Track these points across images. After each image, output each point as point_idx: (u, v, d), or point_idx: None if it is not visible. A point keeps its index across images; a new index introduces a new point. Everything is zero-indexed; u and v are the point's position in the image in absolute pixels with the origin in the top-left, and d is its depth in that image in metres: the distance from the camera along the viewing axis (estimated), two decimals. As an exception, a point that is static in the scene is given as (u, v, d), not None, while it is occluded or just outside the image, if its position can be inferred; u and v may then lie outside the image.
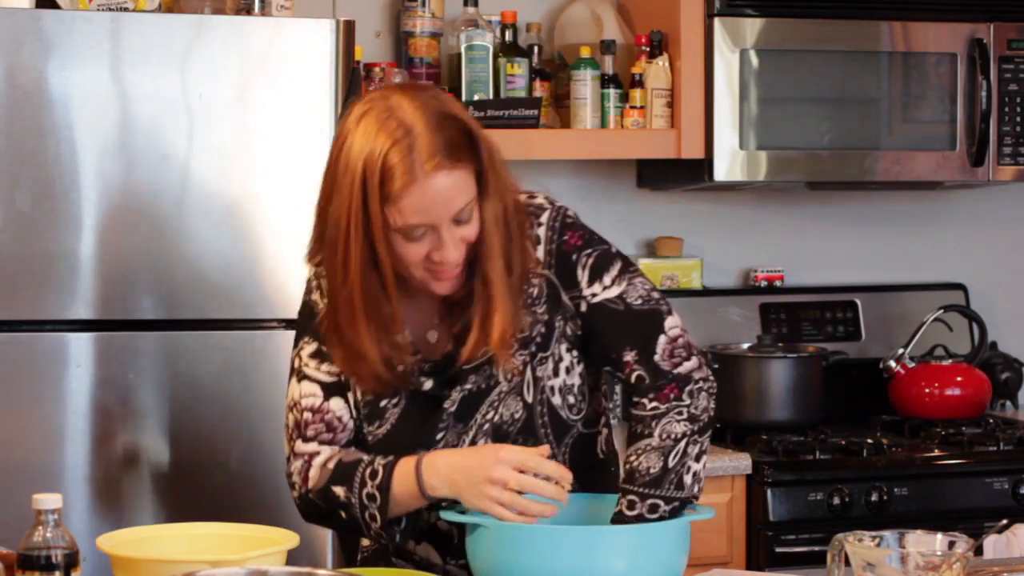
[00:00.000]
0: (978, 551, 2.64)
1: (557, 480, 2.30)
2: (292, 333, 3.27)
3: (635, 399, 2.40)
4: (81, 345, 3.22)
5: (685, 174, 4.16)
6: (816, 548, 3.69)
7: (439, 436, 2.42)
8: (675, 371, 2.39)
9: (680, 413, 2.37)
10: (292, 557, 2.26)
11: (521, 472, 2.28)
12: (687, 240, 4.40)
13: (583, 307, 2.43)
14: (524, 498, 2.28)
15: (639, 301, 2.43)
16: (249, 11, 3.51)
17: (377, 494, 2.35)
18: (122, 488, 3.24)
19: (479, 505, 2.29)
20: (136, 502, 3.24)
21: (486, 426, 2.41)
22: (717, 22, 4.03)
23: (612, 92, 4.10)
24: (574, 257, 2.43)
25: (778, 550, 3.75)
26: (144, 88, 3.23)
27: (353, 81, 3.33)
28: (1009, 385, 4.47)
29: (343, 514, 2.40)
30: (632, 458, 2.37)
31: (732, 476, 3.78)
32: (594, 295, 2.43)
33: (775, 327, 4.35)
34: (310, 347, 2.46)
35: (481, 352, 2.37)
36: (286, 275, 3.29)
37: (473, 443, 2.41)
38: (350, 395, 2.46)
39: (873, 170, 4.17)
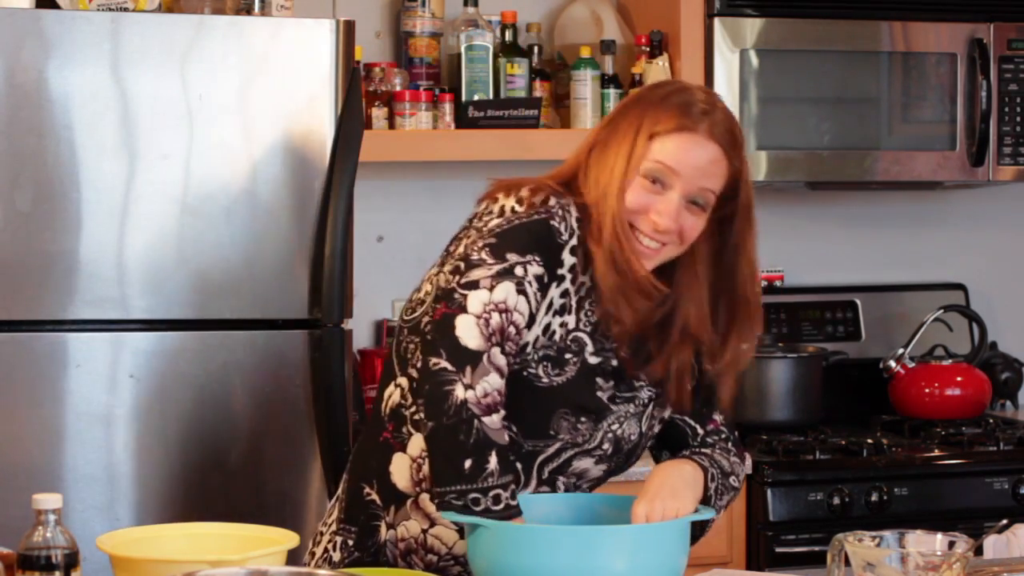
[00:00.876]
0: (978, 551, 2.64)
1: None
2: (293, 332, 3.30)
3: (711, 441, 2.61)
4: (81, 345, 3.22)
5: (685, 174, 4.16)
6: (816, 548, 3.69)
7: (584, 418, 2.47)
8: (743, 449, 2.70)
9: (742, 469, 2.61)
10: (292, 557, 2.26)
11: None
12: (687, 240, 4.39)
13: (709, 375, 2.60)
14: None
15: None
16: (249, 11, 3.51)
17: (503, 506, 2.31)
18: (122, 488, 3.23)
19: None
20: (136, 502, 3.24)
21: (610, 435, 2.51)
22: (717, 22, 4.03)
23: (612, 92, 4.10)
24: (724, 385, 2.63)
25: (778, 550, 3.75)
26: (144, 88, 3.23)
27: (353, 81, 3.33)
28: (1009, 385, 4.47)
29: (467, 464, 2.30)
30: (707, 449, 2.57)
31: (732, 476, 3.78)
32: (717, 368, 2.60)
33: (775, 327, 4.35)
34: (537, 268, 2.41)
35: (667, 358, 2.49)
36: (286, 275, 3.29)
37: (599, 444, 2.49)
38: (536, 332, 2.43)
39: (873, 170, 4.17)
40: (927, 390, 4.21)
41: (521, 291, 2.38)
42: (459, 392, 2.30)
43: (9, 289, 3.18)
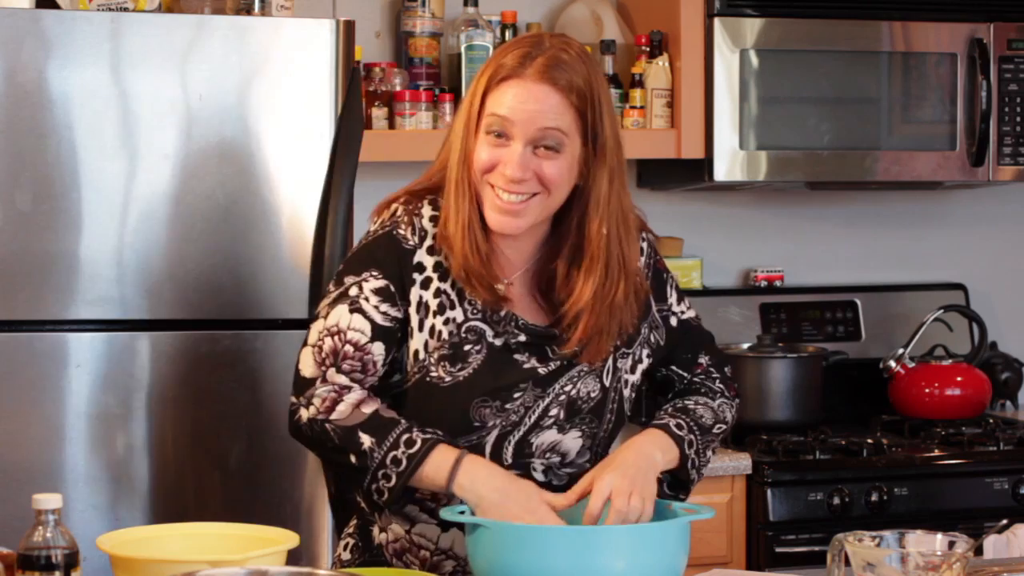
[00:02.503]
0: (978, 551, 2.64)
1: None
2: (293, 333, 3.30)
3: (696, 385, 2.64)
4: (81, 345, 3.22)
5: (685, 174, 4.17)
6: (816, 548, 3.69)
7: (516, 395, 2.47)
8: (735, 383, 2.68)
9: (731, 408, 2.63)
10: (292, 557, 2.26)
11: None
12: (687, 240, 4.40)
13: (673, 321, 2.63)
14: None
15: (704, 326, 2.71)
16: (249, 11, 3.51)
17: (404, 461, 2.37)
18: (122, 488, 3.23)
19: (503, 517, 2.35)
20: (136, 502, 3.24)
21: (562, 397, 2.50)
22: (717, 22, 4.03)
23: (612, 92, 4.10)
24: (664, 276, 2.65)
25: (778, 550, 3.75)
26: (144, 88, 3.23)
27: (353, 81, 3.33)
28: (1009, 385, 4.47)
29: (353, 458, 2.39)
30: (690, 401, 2.57)
31: (732, 476, 3.78)
32: (682, 312, 2.65)
33: (775, 327, 4.35)
34: (377, 282, 2.45)
35: (576, 313, 2.46)
36: (286, 275, 3.29)
37: (546, 410, 2.48)
38: (423, 337, 2.46)
39: (873, 170, 4.17)
40: (927, 390, 4.21)
41: (355, 309, 2.44)
42: (303, 414, 2.43)
43: (9, 289, 3.18)
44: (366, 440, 2.38)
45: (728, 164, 4.05)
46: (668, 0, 4.09)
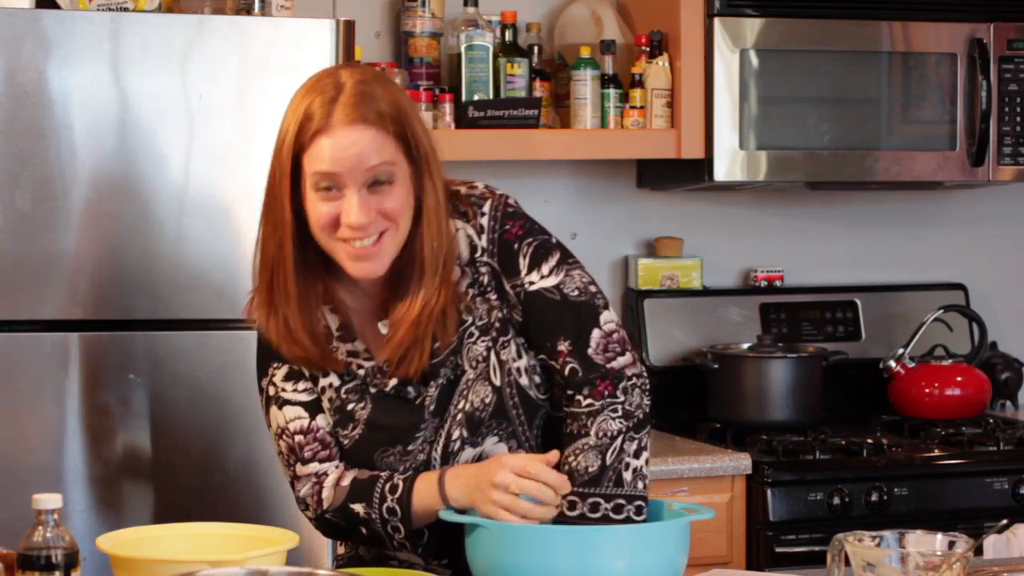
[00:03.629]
0: (978, 551, 2.64)
1: (556, 488, 2.32)
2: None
3: (569, 393, 2.39)
4: (81, 345, 3.22)
5: (685, 174, 4.16)
6: (816, 548, 3.69)
7: (418, 434, 2.44)
8: (608, 365, 2.38)
9: (615, 410, 2.36)
10: (292, 557, 2.26)
11: (522, 477, 2.31)
12: (687, 240, 4.40)
13: (522, 295, 2.42)
14: (522, 500, 2.30)
15: (575, 292, 2.42)
16: (249, 11, 3.51)
17: (397, 507, 2.39)
18: (122, 488, 3.23)
19: (485, 510, 2.32)
20: (136, 502, 3.24)
21: (459, 416, 2.43)
22: (717, 22, 4.03)
23: (612, 92, 4.10)
24: (515, 246, 2.42)
25: (778, 550, 3.75)
26: (144, 88, 3.23)
27: (353, 81, 3.32)
28: (1009, 385, 4.47)
29: (363, 529, 2.43)
30: (571, 458, 2.36)
31: (732, 476, 3.78)
32: (531, 283, 2.42)
33: (775, 327, 4.35)
34: (281, 371, 2.47)
35: (403, 334, 2.37)
36: (286, 275, 3.29)
37: (448, 435, 2.43)
38: (326, 404, 2.48)
39: (873, 170, 4.17)
40: (927, 390, 4.21)
41: (282, 403, 2.46)
42: (309, 518, 2.49)
43: (9, 289, 3.18)
44: (359, 508, 2.41)
45: (728, 164, 4.05)
46: (668, 0, 4.09)
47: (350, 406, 2.45)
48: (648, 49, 4.14)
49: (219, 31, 3.27)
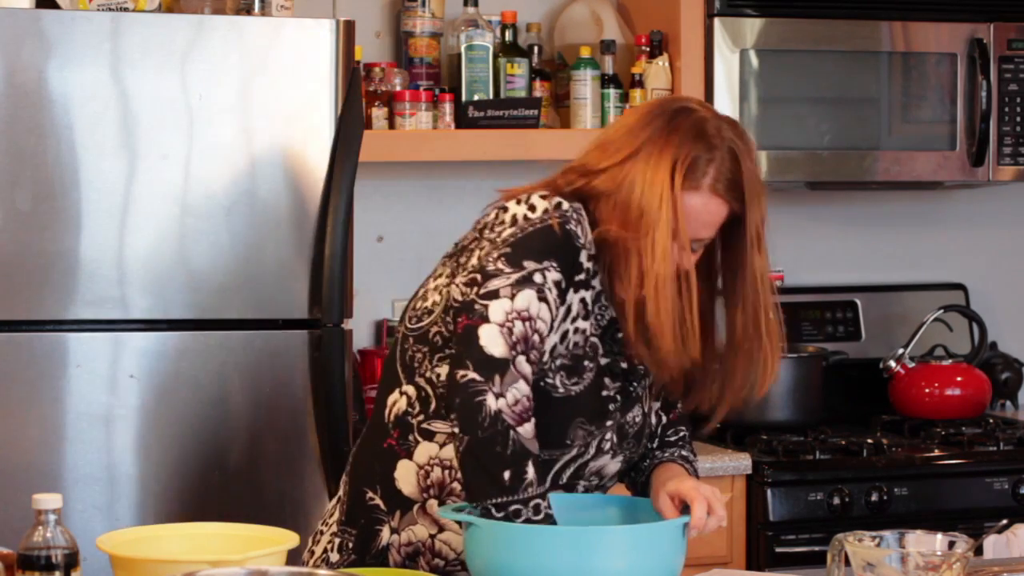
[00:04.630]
0: (978, 551, 2.64)
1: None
2: (293, 332, 3.30)
3: (679, 443, 2.66)
4: (81, 345, 3.22)
5: (685, 174, 4.16)
6: (816, 548, 3.69)
7: (608, 422, 2.50)
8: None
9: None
10: (292, 557, 2.27)
11: None
12: (687, 240, 4.39)
13: None
14: None
15: None
16: (249, 11, 3.51)
17: (543, 516, 2.31)
18: (122, 488, 3.23)
19: None
20: (136, 502, 3.24)
21: (612, 422, 2.51)
22: (717, 22, 4.03)
23: (612, 92, 4.10)
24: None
25: (778, 550, 3.75)
26: (144, 88, 3.23)
27: (353, 81, 3.33)
28: (1009, 385, 4.47)
29: (506, 475, 2.29)
30: (686, 451, 2.63)
31: (732, 476, 3.78)
32: None
33: (775, 327, 4.34)
34: (556, 275, 2.40)
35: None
36: (286, 275, 3.29)
37: (603, 437, 2.49)
38: (554, 339, 2.43)
39: (873, 170, 4.17)
40: (927, 390, 4.21)
41: (542, 298, 2.37)
42: (490, 402, 2.29)
43: (9, 289, 3.18)
44: (531, 473, 2.30)
45: (728, 164, 4.05)
46: (668, 0, 4.09)
47: (585, 361, 2.46)
48: (648, 49, 4.14)
49: (219, 31, 3.27)
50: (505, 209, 2.46)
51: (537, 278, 2.37)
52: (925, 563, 2.16)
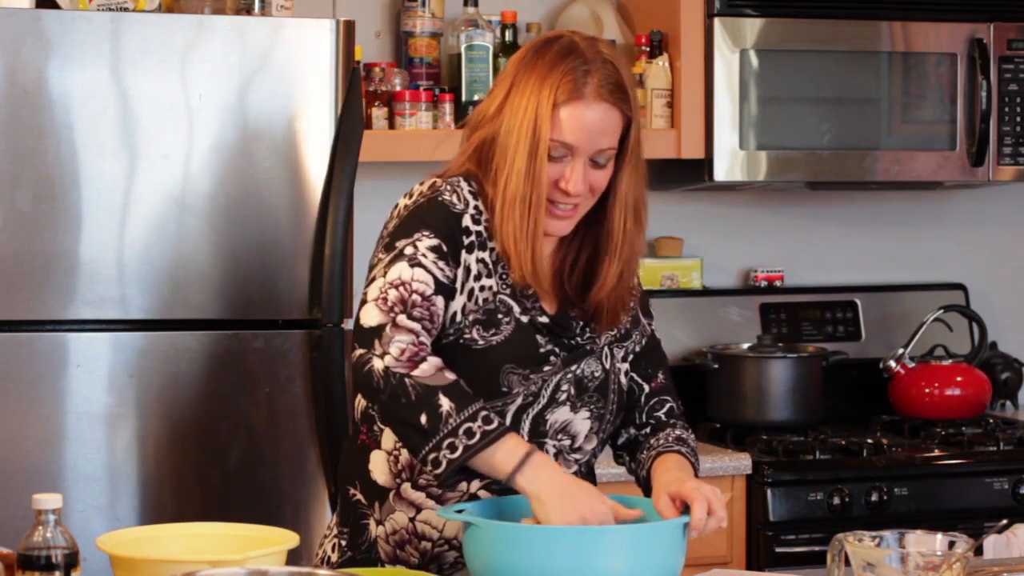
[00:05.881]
0: (978, 551, 2.64)
1: None
2: (293, 332, 3.30)
3: (671, 421, 2.67)
4: (81, 345, 3.22)
5: (685, 174, 4.17)
6: (816, 548, 3.69)
7: (546, 367, 2.51)
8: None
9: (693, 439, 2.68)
10: (292, 557, 2.27)
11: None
12: (687, 240, 4.40)
13: (656, 334, 2.73)
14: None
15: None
16: (249, 11, 3.51)
17: (479, 436, 2.33)
18: (122, 488, 3.24)
19: (555, 519, 2.31)
20: (136, 502, 3.24)
21: (570, 375, 2.54)
22: (717, 22, 4.03)
23: (612, 92, 4.10)
24: (644, 297, 2.72)
25: (778, 550, 3.75)
26: (144, 88, 3.23)
27: (353, 81, 3.33)
28: (1009, 385, 4.47)
29: (424, 419, 2.33)
30: (679, 431, 2.65)
31: (732, 476, 3.78)
32: (654, 327, 2.74)
33: (775, 327, 4.35)
34: (430, 240, 2.46)
35: (597, 303, 2.56)
36: (286, 275, 3.29)
37: (558, 387, 2.52)
38: (462, 300, 2.48)
39: (873, 170, 4.17)
40: (927, 390, 4.21)
41: (415, 264, 2.45)
42: (377, 364, 2.36)
43: (9, 289, 3.18)
44: (445, 404, 2.33)
45: (728, 164, 4.05)
46: (668, 0, 4.09)
47: (499, 315, 2.49)
48: (648, 49, 4.14)
49: (219, 31, 3.27)
50: (396, 205, 2.57)
51: (408, 251, 2.46)
52: (925, 563, 2.16)
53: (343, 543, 2.58)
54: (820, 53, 4.11)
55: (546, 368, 2.51)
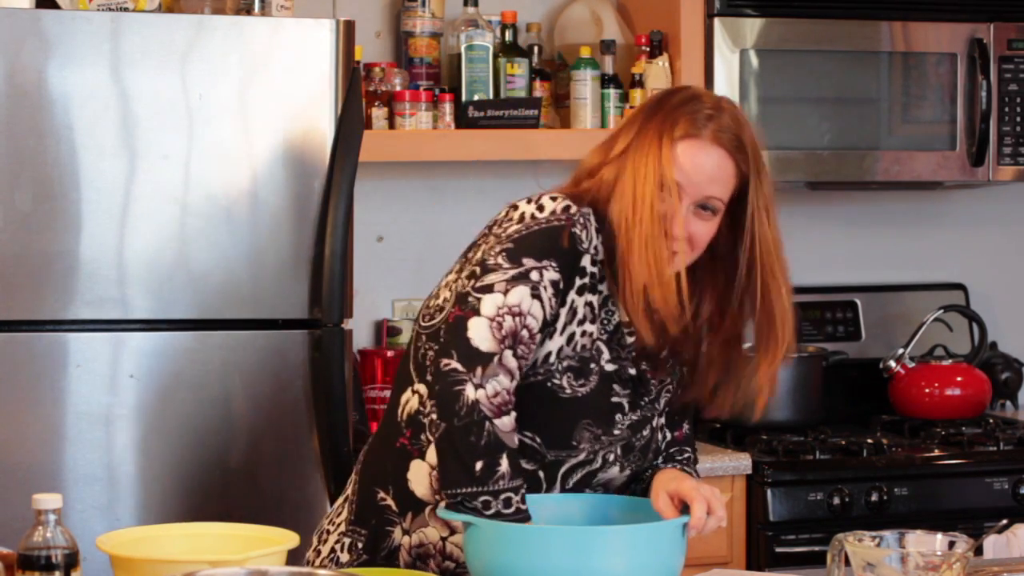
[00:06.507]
0: (978, 551, 2.64)
1: None
2: (293, 332, 3.30)
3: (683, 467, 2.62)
4: (81, 345, 3.22)
5: (685, 174, 4.16)
6: (816, 548, 3.69)
7: (617, 429, 2.49)
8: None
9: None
10: (292, 557, 2.26)
11: None
12: (687, 240, 4.39)
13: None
14: None
15: None
16: (249, 11, 3.51)
17: (513, 510, 2.32)
18: (122, 488, 3.24)
19: None
20: (136, 502, 3.24)
21: (622, 434, 2.52)
22: (717, 22, 4.03)
23: (612, 92, 4.10)
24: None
25: (778, 550, 3.75)
26: (144, 88, 3.23)
27: (353, 81, 3.33)
28: (1009, 385, 4.47)
29: (478, 466, 2.31)
30: (687, 465, 2.61)
31: (732, 476, 3.78)
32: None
33: (775, 327, 4.34)
34: (554, 275, 2.41)
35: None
36: (286, 275, 3.29)
37: (610, 448, 2.50)
38: (560, 341, 2.44)
39: (873, 170, 4.17)
40: (927, 390, 4.21)
41: (536, 296, 2.38)
42: (469, 392, 2.31)
43: (9, 289, 3.18)
44: (504, 465, 2.31)
45: (728, 164, 4.05)
46: (668, 0, 4.09)
47: (591, 364, 2.46)
48: (648, 49, 4.14)
49: (219, 31, 3.27)
50: (516, 207, 2.49)
51: (534, 276, 2.39)
52: (925, 563, 2.16)
53: (359, 544, 2.55)
54: (820, 53, 4.11)
55: (616, 432, 2.49)
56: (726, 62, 4.03)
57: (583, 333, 2.45)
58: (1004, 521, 2.60)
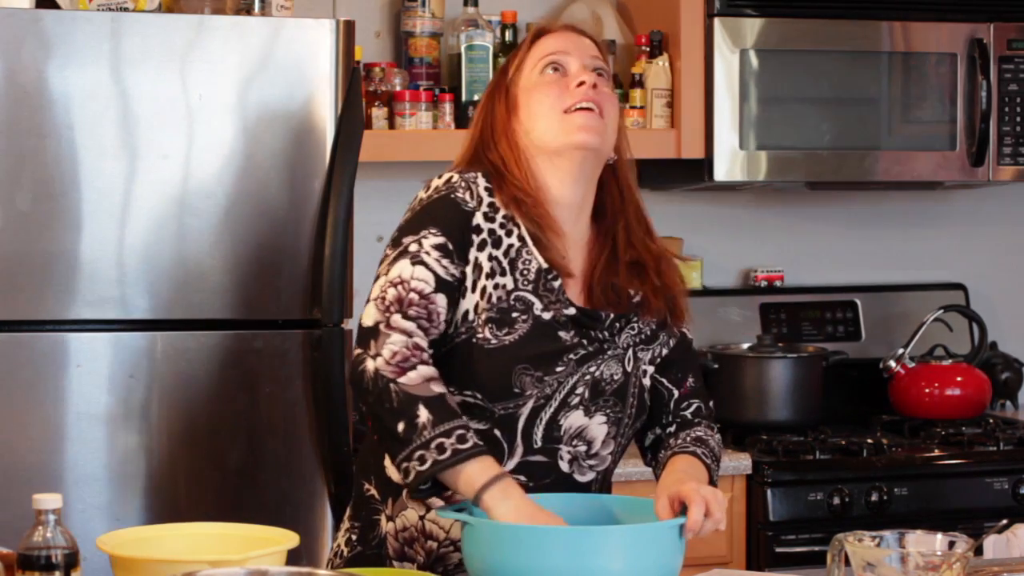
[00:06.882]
0: (978, 551, 2.64)
1: None
2: (293, 332, 3.30)
3: (696, 420, 2.64)
4: (81, 345, 3.22)
5: (685, 174, 4.17)
6: (816, 548, 3.69)
7: (559, 368, 2.49)
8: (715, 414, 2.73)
9: (720, 443, 2.66)
10: (292, 557, 2.27)
11: None
12: (687, 240, 4.40)
13: (688, 335, 2.69)
14: None
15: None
16: (249, 11, 3.51)
17: (449, 452, 2.33)
18: (122, 488, 3.24)
19: None
20: (136, 502, 3.24)
21: (587, 377, 2.52)
22: (717, 22, 4.03)
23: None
24: (680, 298, 2.68)
25: (778, 550, 3.75)
26: (144, 88, 3.23)
27: (353, 81, 3.33)
28: (1009, 385, 4.47)
29: (401, 427, 2.34)
30: (700, 431, 2.62)
31: (732, 476, 3.78)
32: (687, 329, 2.69)
33: (775, 327, 4.35)
34: (436, 239, 2.47)
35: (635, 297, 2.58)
36: (286, 275, 3.29)
37: (572, 389, 2.50)
38: (475, 298, 2.48)
39: (873, 170, 4.17)
40: (927, 390, 4.21)
41: (417, 262, 2.46)
42: (369, 365, 2.38)
43: (9, 289, 3.18)
44: (423, 415, 2.34)
45: (728, 164, 4.05)
46: (668, 0, 4.09)
47: (514, 314, 2.48)
48: (648, 49, 4.14)
49: (219, 31, 3.28)
50: (415, 198, 2.58)
51: (412, 248, 2.47)
52: (925, 563, 2.16)
53: (354, 537, 2.60)
54: (820, 53, 4.11)
55: (559, 369, 2.49)
56: (726, 62, 4.04)
57: (496, 286, 2.49)
58: (1004, 521, 2.60)
